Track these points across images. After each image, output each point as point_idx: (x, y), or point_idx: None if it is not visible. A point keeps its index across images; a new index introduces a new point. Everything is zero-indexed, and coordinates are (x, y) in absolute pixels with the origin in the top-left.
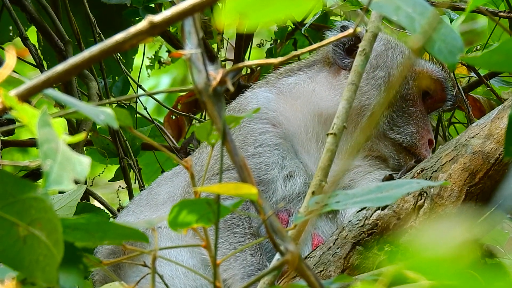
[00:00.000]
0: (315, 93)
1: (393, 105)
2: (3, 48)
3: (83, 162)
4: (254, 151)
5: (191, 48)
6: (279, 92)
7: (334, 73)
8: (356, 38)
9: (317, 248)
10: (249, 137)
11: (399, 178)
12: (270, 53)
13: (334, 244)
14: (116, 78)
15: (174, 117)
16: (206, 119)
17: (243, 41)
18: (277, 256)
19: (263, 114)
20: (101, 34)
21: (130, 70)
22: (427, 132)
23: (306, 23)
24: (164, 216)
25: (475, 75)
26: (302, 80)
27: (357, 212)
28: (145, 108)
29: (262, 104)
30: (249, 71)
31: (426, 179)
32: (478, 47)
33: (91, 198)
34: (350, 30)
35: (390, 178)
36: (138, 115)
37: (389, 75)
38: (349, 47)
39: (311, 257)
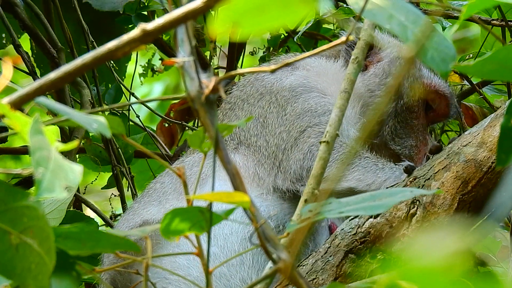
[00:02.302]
0: (338, 73)
1: (399, 115)
2: None
3: (75, 170)
4: (325, 108)
5: (183, 56)
6: (308, 70)
7: (346, 66)
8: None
9: (309, 256)
10: (310, 101)
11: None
12: (263, 61)
13: (326, 252)
14: (109, 85)
15: (166, 125)
16: (198, 126)
17: (236, 49)
18: (270, 264)
19: (309, 88)
20: (94, 42)
21: (123, 77)
22: (424, 146)
23: (299, 31)
24: (158, 225)
25: (467, 83)
26: (324, 62)
27: (350, 220)
28: (138, 116)
29: (301, 80)
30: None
31: (419, 187)
32: (471, 55)
33: (83, 206)
34: (343, 38)
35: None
36: (130, 123)
37: (399, 84)
38: None
39: (303, 265)
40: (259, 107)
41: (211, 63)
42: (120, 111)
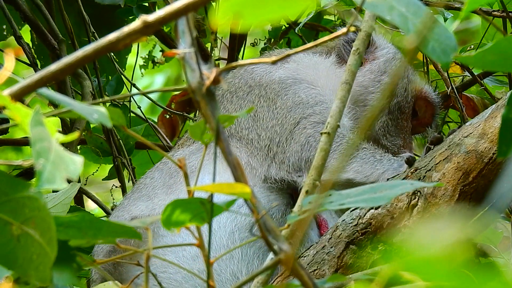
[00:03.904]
0: (329, 68)
1: (391, 112)
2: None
3: (76, 161)
4: (317, 99)
5: (184, 47)
6: (298, 63)
7: (339, 63)
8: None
9: (310, 247)
10: (300, 93)
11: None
12: (264, 52)
13: (328, 243)
14: (110, 77)
15: (168, 116)
16: (199, 118)
17: (237, 40)
18: (271, 255)
19: (299, 80)
20: (95, 33)
21: (124, 69)
22: (409, 150)
23: (300, 23)
24: (158, 216)
25: (469, 75)
26: (315, 57)
27: (351, 211)
28: (139, 107)
29: (291, 73)
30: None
31: (420, 178)
32: (472, 46)
33: (84, 197)
34: (343, 30)
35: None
36: (132, 114)
37: (396, 83)
38: None
39: (305, 256)
40: (248, 101)
41: (212, 55)
42: (121, 103)
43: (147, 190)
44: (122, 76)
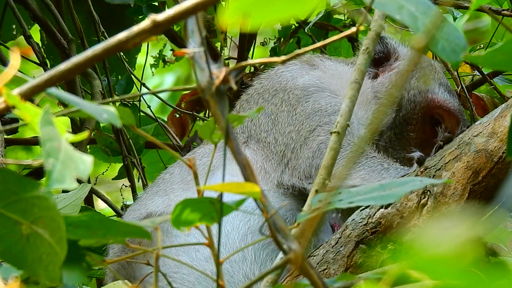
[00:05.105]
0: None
1: (396, 127)
2: (6, 47)
3: (86, 161)
4: (336, 108)
5: (194, 47)
6: (324, 71)
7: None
8: (387, 52)
9: (320, 246)
10: (321, 101)
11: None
12: (273, 52)
13: (337, 242)
14: (119, 76)
15: (177, 116)
16: (209, 117)
17: (247, 40)
18: (280, 254)
19: (322, 88)
20: (105, 33)
21: (133, 69)
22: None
23: (310, 22)
24: (168, 216)
25: (478, 74)
26: (341, 67)
27: (361, 210)
28: (149, 107)
29: (315, 80)
30: (252, 69)
31: (430, 177)
32: (482, 45)
33: (94, 197)
34: (353, 29)
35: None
36: (142, 114)
37: (402, 97)
38: (379, 58)
39: (314, 256)
40: (272, 104)
41: (222, 54)
42: (131, 102)
43: (165, 185)
44: (132, 75)
